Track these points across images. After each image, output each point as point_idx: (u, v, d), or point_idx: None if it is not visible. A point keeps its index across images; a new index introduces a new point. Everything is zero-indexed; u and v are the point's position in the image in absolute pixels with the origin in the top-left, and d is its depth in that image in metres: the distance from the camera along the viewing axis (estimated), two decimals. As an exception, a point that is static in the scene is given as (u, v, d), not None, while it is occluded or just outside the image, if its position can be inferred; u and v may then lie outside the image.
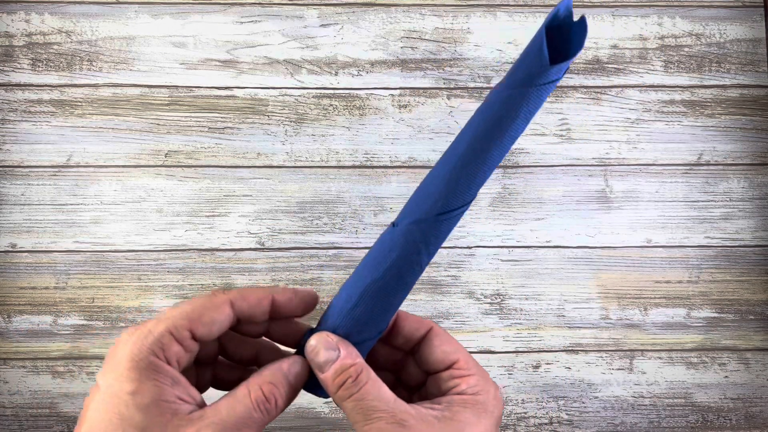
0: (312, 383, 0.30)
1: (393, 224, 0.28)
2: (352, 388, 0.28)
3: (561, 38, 0.26)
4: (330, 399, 0.67)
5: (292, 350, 0.32)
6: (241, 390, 0.28)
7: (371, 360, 0.32)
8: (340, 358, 0.29)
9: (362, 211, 0.65)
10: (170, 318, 0.27)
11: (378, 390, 0.28)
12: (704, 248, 0.66)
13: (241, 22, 0.67)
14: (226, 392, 0.29)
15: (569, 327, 0.65)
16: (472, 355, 0.33)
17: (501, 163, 0.66)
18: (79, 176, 0.65)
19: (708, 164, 0.67)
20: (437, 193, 0.27)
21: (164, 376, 0.26)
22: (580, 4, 0.68)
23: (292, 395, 0.29)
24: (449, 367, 0.32)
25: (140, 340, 0.26)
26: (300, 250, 0.65)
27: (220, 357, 0.32)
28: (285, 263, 0.64)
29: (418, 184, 0.31)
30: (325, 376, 0.29)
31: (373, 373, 0.29)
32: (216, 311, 0.28)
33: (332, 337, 0.30)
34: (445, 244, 0.65)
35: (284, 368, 0.29)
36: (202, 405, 0.27)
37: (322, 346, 0.29)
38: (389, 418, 0.28)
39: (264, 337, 0.33)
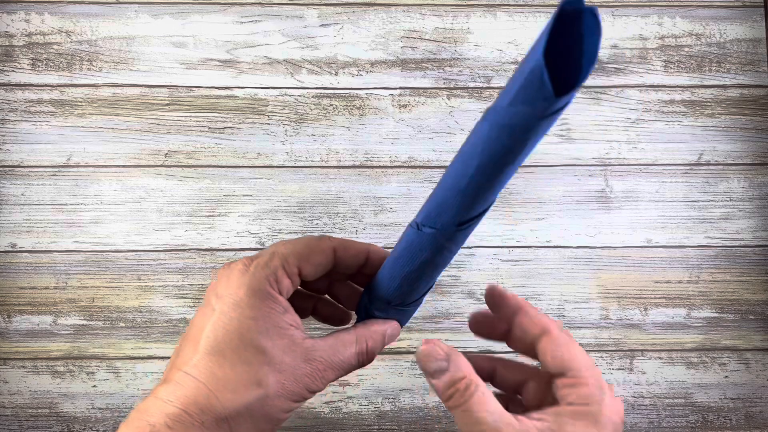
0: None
1: (417, 226, 0.29)
2: (459, 399, 0.29)
3: (566, 43, 0.22)
4: (329, 400, 0.67)
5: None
6: (349, 337, 0.30)
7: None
8: (449, 372, 0.29)
9: (362, 211, 0.65)
10: (284, 254, 0.29)
11: (485, 402, 0.29)
12: (704, 248, 0.66)
13: (241, 22, 0.67)
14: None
15: (569, 327, 0.65)
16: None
17: (501, 163, 0.66)
18: (79, 176, 0.65)
19: (708, 164, 0.67)
20: (455, 206, 0.27)
21: (278, 304, 0.28)
22: (580, 4, 0.68)
23: (380, 351, 0.32)
24: (563, 374, 0.31)
25: (258, 271, 0.28)
26: (300, 250, 0.65)
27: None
28: (285, 263, 0.64)
29: (417, 184, 0.31)
30: (437, 385, 0.30)
31: (482, 385, 0.29)
32: (322, 254, 0.31)
33: (442, 348, 0.30)
34: (445, 244, 0.65)
35: (387, 330, 0.32)
36: (308, 335, 0.30)
37: (433, 357, 0.30)
38: (491, 431, 0.28)
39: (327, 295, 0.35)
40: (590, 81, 0.68)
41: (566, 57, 0.23)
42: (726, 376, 0.65)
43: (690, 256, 0.66)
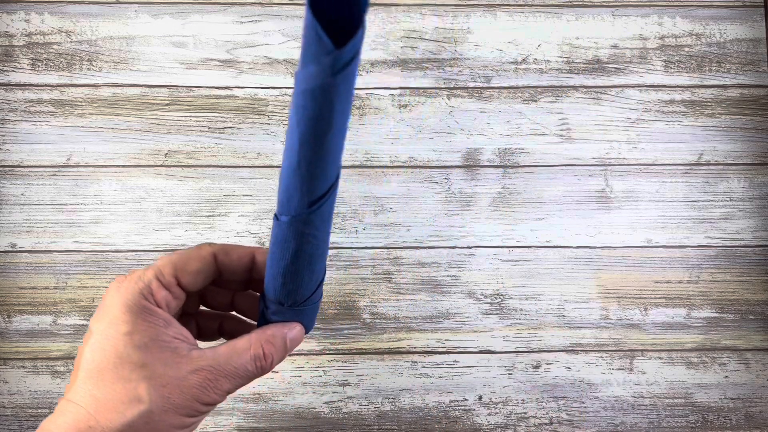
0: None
1: (276, 217, 0.28)
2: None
3: None
4: (329, 400, 0.67)
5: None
6: (243, 342, 0.29)
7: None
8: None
9: (362, 211, 0.65)
10: (158, 266, 0.29)
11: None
12: (704, 248, 0.66)
13: (241, 22, 0.67)
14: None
15: (569, 327, 0.65)
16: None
17: (501, 163, 0.66)
18: (78, 176, 0.65)
19: (708, 164, 0.67)
20: (299, 189, 0.26)
21: (157, 317, 0.27)
22: (580, 3, 0.68)
23: (284, 357, 0.31)
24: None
25: (131, 286, 0.27)
26: (300, 250, 0.65)
27: (202, 307, 0.34)
28: (285, 263, 0.64)
29: (417, 184, 0.31)
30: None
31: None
32: (200, 261, 0.30)
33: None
34: (445, 244, 0.65)
35: (286, 333, 0.31)
36: (197, 345, 0.28)
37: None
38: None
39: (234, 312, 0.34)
40: (590, 81, 0.68)
41: (343, 7, 0.22)
42: (726, 376, 0.65)
43: (690, 256, 0.66)
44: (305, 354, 0.63)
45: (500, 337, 0.65)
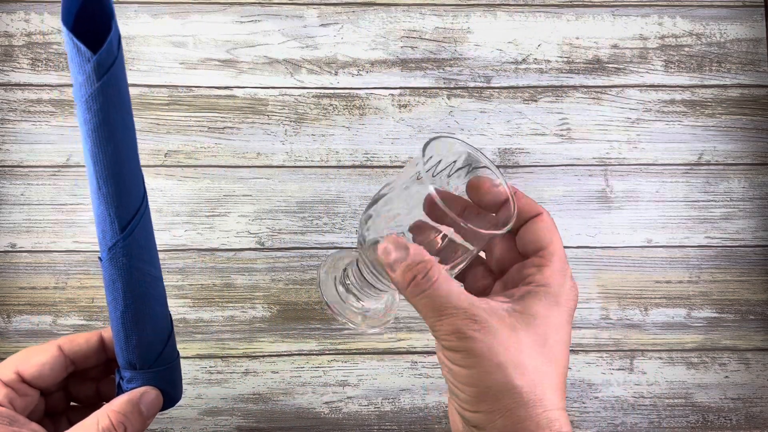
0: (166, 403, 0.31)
1: (99, 260, 0.28)
2: (424, 284, 0.28)
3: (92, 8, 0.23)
4: (329, 400, 0.67)
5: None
6: (90, 419, 0.28)
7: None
8: (410, 256, 0.29)
9: (362, 211, 0.65)
10: None
11: (449, 286, 0.28)
12: (705, 248, 0.66)
13: (241, 22, 0.67)
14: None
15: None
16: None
17: (501, 163, 0.66)
18: (78, 176, 0.65)
19: (708, 164, 0.67)
20: (107, 214, 0.26)
21: None
22: (580, 3, 0.68)
23: (143, 424, 0.30)
24: (535, 253, 0.32)
25: None
26: (300, 250, 0.65)
27: (73, 403, 0.33)
28: (285, 263, 0.64)
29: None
30: (396, 275, 0.29)
31: (444, 271, 0.29)
32: (42, 353, 0.29)
33: (401, 238, 0.30)
34: (445, 244, 0.65)
35: (135, 397, 0.29)
36: None
37: (393, 247, 0.29)
38: (461, 313, 0.28)
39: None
40: (590, 81, 0.68)
41: (93, 16, 0.23)
42: (726, 376, 0.65)
43: (690, 256, 0.66)
44: (305, 354, 0.63)
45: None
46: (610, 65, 0.68)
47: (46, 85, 0.65)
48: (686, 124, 0.67)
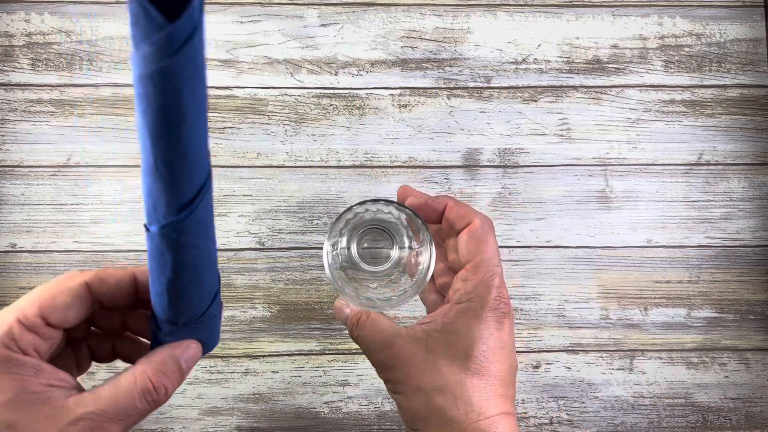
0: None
1: (146, 228, 0.24)
2: (357, 330, 0.34)
3: None
4: (329, 400, 0.67)
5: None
6: (127, 378, 0.26)
7: None
8: (348, 314, 0.35)
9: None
10: (19, 306, 0.25)
11: (374, 324, 0.33)
12: (704, 248, 0.66)
13: (241, 22, 0.67)
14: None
15: (569, 327, 0.65)
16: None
17: (501, 163, 0.66)
18: (78, 176, 0.65)
19: (708, 164, 0.67)
20: (163, 193, 0.22)
21: (24, 367, 0.24)
22: (580, 3, 0.68)
23: (181, 381, 0.28)
24: (464, 266, 0.33)
25: None
26: (300, 250, 0.65)
27: (93, 328, 0.31)
28: (285, 263, 0.64)
29: (417, 184, 0.30)
30: (347, 327, 0.35)
31: (373, 314, 0.34)
32: (69, 294, 0.26)
33: (341, 301, 0.36)
34: (445, 244, 0.65)
35: (177, 353, 0.27)
36: (78, 387, 0.26)
37: (339, 310, 0.36)
38: (383, 345, 0.32)
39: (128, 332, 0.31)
40: (590, 81, 0.68)
41: None
42: (726, 376, 0.65)
43: (690, 256, 0.66)
44: (305, 354, 0.63)
45: (500, 337, 0.65)
46: (610, 65, 0.68)
47: (46, 85, 0.65)
48: (686, 124, 0.67)
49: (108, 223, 0.64)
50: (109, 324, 0.30)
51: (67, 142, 0.65)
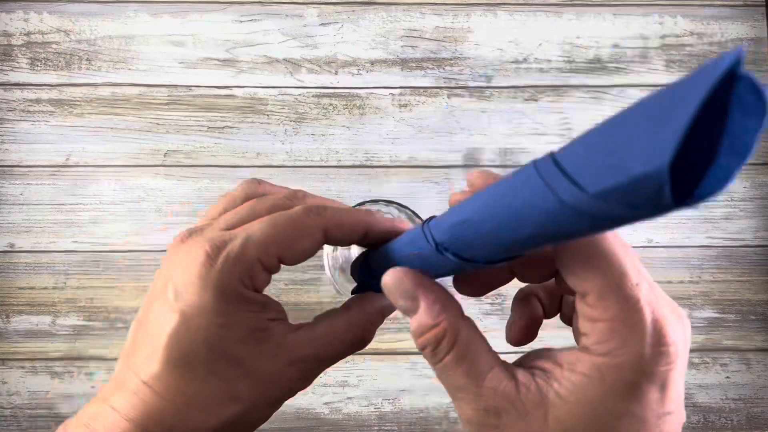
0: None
1: (436, 246, 0.22)
2: (433, 358, 0.22)
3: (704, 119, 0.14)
4: (329, 400, 0.66)
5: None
6: (342, 325, 0.26)
7: None
8: (417, 316, 0.22)
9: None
10: (261, 242, 0.23)
11: (466, 360, 0.22)
12: (705, 248, 0.66)
13: (241, 21, 0.67)
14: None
15: (569, 327, 0.65)
16: None
17: (502, 163, 0.65)
18: (77, 176, 0.64)
19: (709, 164, 0.67)
20: (489, 250, 0.20)
21: (255, 304, 0.24)
22: (581, 2, 0.68)
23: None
24: (574, 292, 0.22)
25: (228, 268, 0.23)
26: (300, 250, 0.64)
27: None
28: (285, 263, 0.64)
29: (418, 184, 0.30)
30: (410, 329, 0.23)
31: (463, 333, 0.22)
32: (310, 239, 0.24)
33: (408, 279, 0.22)
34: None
35: (385, 304, 0.27)
36: (286, 319, 0.25)
37: (398, 293, 0.23)
38: (475, 402, 0.21)
39: None
40: (591, 80, 0.67)
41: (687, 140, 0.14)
42: (727, 377, 0.65)
43: (691, 256, 0.66)
44: (305, 354, 0.63)
45: (501, 338, 0.64)
46: (611, 64, 0.68)
47: (45, 85, 0.65)
48: (687, 123, 0.67)
49: (107, 223, 0.64)
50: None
51: (66, 141, 0.65)
